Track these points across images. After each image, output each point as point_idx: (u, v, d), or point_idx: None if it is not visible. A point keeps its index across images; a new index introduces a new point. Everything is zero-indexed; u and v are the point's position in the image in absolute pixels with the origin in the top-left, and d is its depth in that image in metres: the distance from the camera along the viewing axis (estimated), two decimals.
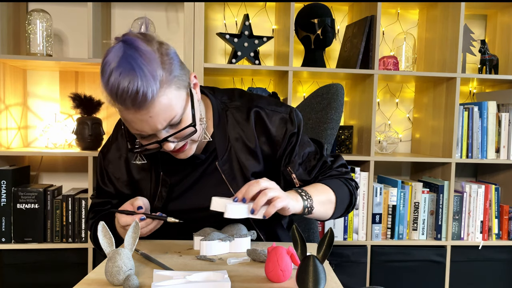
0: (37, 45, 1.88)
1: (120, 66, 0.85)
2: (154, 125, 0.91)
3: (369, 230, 2.03)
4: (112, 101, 0.89)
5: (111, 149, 1.14)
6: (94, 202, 1.18)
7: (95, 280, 0.78)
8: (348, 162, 2.00)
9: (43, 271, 1.89)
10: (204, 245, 0.93)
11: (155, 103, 0.88)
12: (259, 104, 1.12)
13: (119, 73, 0.85)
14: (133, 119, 0.90)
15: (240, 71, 2.07)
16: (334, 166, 1.15)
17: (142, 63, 0.85)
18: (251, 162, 1.10)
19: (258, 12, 2.26)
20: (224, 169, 1.09)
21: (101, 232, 0.78)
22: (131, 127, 0.93)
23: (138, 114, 0.89)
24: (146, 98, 0.86)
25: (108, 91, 0.87)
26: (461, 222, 2.11)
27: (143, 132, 0.93)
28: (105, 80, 0.87)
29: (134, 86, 0.84)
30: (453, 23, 2.06)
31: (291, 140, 1.11)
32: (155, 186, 1.11)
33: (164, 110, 0.90)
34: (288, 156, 1.12)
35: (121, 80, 0.84)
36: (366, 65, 2.02)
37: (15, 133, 2.04)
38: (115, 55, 0.86)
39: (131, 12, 2.18)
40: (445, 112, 2.10)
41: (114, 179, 1.14)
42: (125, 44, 0.87)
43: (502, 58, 2.28)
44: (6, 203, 1.85)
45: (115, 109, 0.92)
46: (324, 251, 0.72)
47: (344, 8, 2.32)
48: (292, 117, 1.12)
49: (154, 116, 0.89)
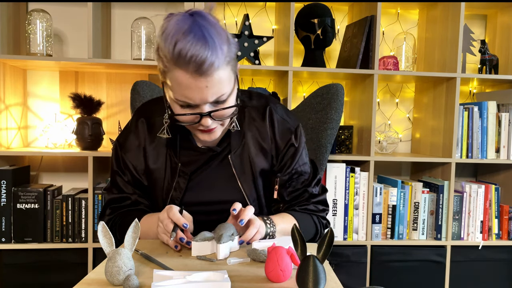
0: (37, 45, 1.88)
1: (192, 31, 0.87)
2: (205, 95, 0.93)
3: (369, 230, 2.03)
4: (173, 64, 0.90)
5: (129, 138, 1.14)
6: (111, 198, 1.15)
7: (95, 280, 0.77)
8: (348, 162, 2.02)
9: (43, 271, 1.89)
10: (196, 246, 0.93)
11: (214, 74, 0.91)
12: (275, 108, 1.17)
13: (191, 38, 0.87)
14: (189, 85, 0.92)
15: (240, 71, 2.06)
16: (314, 199, 1.19)
17: (213, 34, 0.89)
18: (260, 159, 1.14)
19: (258, 12, 2.26)
20: (235, 163, 1.12)
21: (101, 232, 0.78)
22: (182, 94, 0.94)
23: (197, 81, 0.91)
24: (210, 67, 0.89)
25: (174, 54, 0.88)
26: (461, 222, 2.11)
27: (191, 101, 0.94)
28: (171, 43, 0.88)
29: (204, 54, 0.87)
30: (453, 23, 2.06)
31: (290, 150, 1.16)
32: (170, 176, 1.11)
33: (219, 84, 0.93)
34: (283, 166, 1.16)
35: (192, 45, 0.87)
36: (366, 65, 2.02)
37: (15, 133, 2.04)
38: (184, 22, 0.89)
39: (131, 12, 2.18)
40: (445, 112, 2.10)
41: (131, 167, 1.13)
42: (195, 15, 0.91)
43: (502, 58, 2.28)
44: (6, 203, 1.85)
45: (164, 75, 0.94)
46: (324, 251, 0.72)
47: (344, 8, 2.32)
48: (297, 132, 1.17)
49: (209, 86, 0.92)
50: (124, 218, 1.12)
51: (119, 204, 1.15)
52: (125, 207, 1.15)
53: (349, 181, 2.01)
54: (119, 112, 2.19)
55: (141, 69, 2.05)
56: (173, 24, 0.89)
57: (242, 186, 1.11)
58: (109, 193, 1.17)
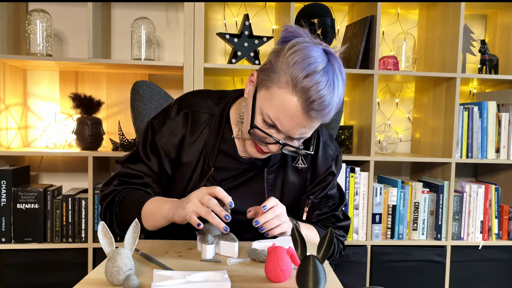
0: (37, 45, 1.88)
1: (328, 73, 0.90)
2: (296, 131, 0.95)
3: (369, 230, 2.03)
4: (291, 87, 0.90)
5: (167, 124, 1.10)
6: (123, 171, 1.10)
7: (95, 280, 0.78)
8: (348, 162, 2.02)
9: (43, 271, 1.89)
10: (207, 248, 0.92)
11: (319, 120, 0.94)
12: (321, 130, 1.17)
13: (326, 80, 0.89)
14: (293, 115, 0.92)
15: (240, 71, 2.07)
16: (339, 224, 1.20)
17: (340, 85, 0.92)
18: (295, 179, 1.13)
19: (258, 12, 2.26)
20: (268, 178, 1.10)
21: (101, 232, 0.78)
22: (277, 115, 0.94)
23: (304, 117, 0.92)
24: (326, 114, 0.92)
25: (302, 81, 0.89)
26: (461, 222, 2.11)
27: (281, 127, 0.95)
28: (303, 70, 0.89)
29: (331, 102, 0.91)
30: (453, 23, 2.06)
31: (328, 178, 1.16)
32: (199, 177, 1.09)
33: (314, 128, 0.97)
34: (317, 190, 1.15)
35: (326, 87, 0.89)
36: (366, 65, 2.02)
37: (15, 133, 2.04)
38: (322, 58, 0.91)
39: (131, 12, 2.18)
40: (445, 112, 2.10)
41: (162, 152, 1.09)
42: (329, 55, 0.93)
43: (502, 58, 2.28)
44: (6, 203, 1.85)
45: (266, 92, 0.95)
46: (324, 251, 0.72)
47: (344, 8, 2.32)
48: (338, 159, 1.18)
49: (307, 127, 0.95)
50: (131, 193, 1.08)
51: (129, 179, 1.10)
52: (134, 184, 1.10)
53: (349, 181, 2.01)
54: (119, 112, 2.19)
55: (141, 69, 2.05)
56: (315, 54, 0.91)
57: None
58: (122, 166, 1.11)
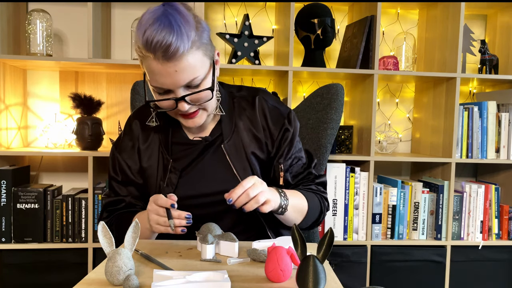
0: (37, 45, 1.88)
1: (159, 20, 0.93)
2: (176, 80, 0.97)
3: (369, 230, 2.03)
4: (144, 51, 0.95)
5: (124, 139, 1.18)
6: (107, 201, 1.19)
7: (95, 280, 0.78)
8: (348, 162, 2.02)
9: (43, 271, 1.89)
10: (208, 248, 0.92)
11: (183, 59, 0.95)
12: (264, 96, 1.18)
13: (157, 25, 0.92)
14: (159, 71, 0.96)
15: (240, 71, 2.07)
16: (317, 180, 1.21)
17: (180, 21, 0.94)
18: (255, 147, 1.14)
19: (258, 12, 2.26)
20: (229, 151, 1.12)
21: (101, 232, 0.78)
22: (154, 79, 0.99)
23: (165, 66, 0.95)
24: (176, 52, 0.93)
25: (143, 41, 0.94)
26: (461, 222, 2.11)
27: (163, 85, 0.99)
28: (141, 31, 0.94)
29: (169, 39, 0.92)
30: (453, 23, 2.06)
31: (285, 135, 1.16)
32: (163, 172, 1.12)
33: (189, 68, 0.97)
34: (282, 152, 1.16)
35: (158, 32, 0.92)
36: (366, 65, 2.02)
37: (15, 133, 2.04)
38: (155, 12, 0.95)
39: (131, 12, 2.18)
40: (445, 112, 2.10)
41: (125, 167, 1.16)
42: (166, 5, 0.97)
43: (502, 58, 2.28)
44: (6, 203, 1.85)
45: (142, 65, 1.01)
46: (324, 251, 0.72)
47: (344, 8, 2.32)
48: (290, 117, 1.17)
49: (179, 71, 0.96)
50: (118, 220, 1.14)
51: (115, 206, 1.17)
52: (120, 209, 1.16)
53: (349, 181, 2.01)
54: (119, 112, 2.19)
55: (141, 69, 2.04)
56: (145, 14, 0.96)
57: (238, 174, 1.10)
58: (106, 198, 1.20)
